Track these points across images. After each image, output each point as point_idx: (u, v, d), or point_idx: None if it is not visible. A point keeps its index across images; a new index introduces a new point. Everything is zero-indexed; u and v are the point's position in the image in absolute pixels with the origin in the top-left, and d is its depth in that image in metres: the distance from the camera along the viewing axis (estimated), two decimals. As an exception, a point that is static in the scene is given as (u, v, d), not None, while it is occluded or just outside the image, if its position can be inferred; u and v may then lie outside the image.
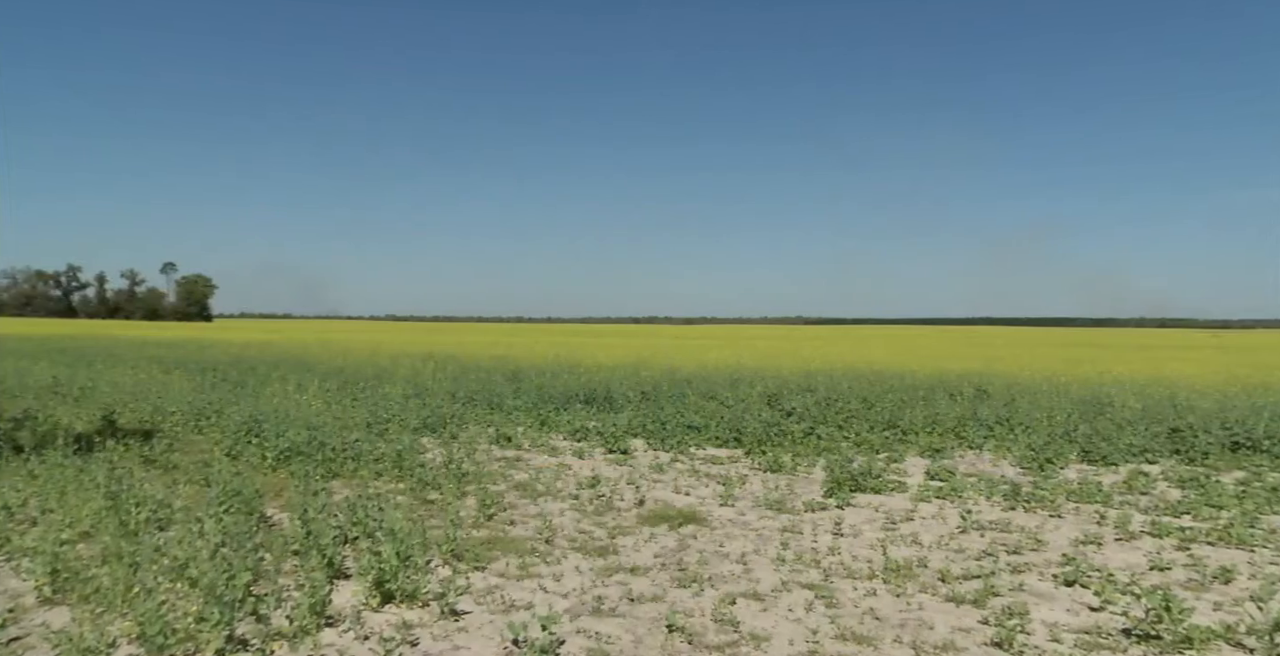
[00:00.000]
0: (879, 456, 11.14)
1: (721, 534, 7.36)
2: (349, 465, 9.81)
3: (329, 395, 16.28)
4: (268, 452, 10.03)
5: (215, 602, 4.63)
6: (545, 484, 9.37)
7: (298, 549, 6.17)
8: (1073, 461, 11.08)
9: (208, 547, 5.62)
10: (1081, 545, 7.03)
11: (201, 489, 8.22)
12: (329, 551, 5.77)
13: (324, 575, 5.29)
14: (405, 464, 9.64)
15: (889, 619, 5.29)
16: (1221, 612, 5.41)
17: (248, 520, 6.90)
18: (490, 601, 5.55)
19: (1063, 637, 4.97)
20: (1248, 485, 9.46)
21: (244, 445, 10.62)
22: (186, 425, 12.90)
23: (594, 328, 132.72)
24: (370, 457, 9.99)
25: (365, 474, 9.59)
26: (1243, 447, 11.55)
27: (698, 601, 5.59)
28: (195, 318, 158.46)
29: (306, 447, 10.16)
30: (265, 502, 7.71)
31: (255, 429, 11.21)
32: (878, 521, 7.84)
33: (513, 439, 12.36)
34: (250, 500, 7.32)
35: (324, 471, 9.58)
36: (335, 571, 5.83)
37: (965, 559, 6.62)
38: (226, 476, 8.16)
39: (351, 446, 10.30)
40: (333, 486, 8.98)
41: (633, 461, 11.02)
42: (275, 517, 7.49)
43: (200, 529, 6.23)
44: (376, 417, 13.27)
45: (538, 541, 6.99)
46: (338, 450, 10.12)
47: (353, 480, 9.37)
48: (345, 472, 9.65)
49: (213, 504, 6.99)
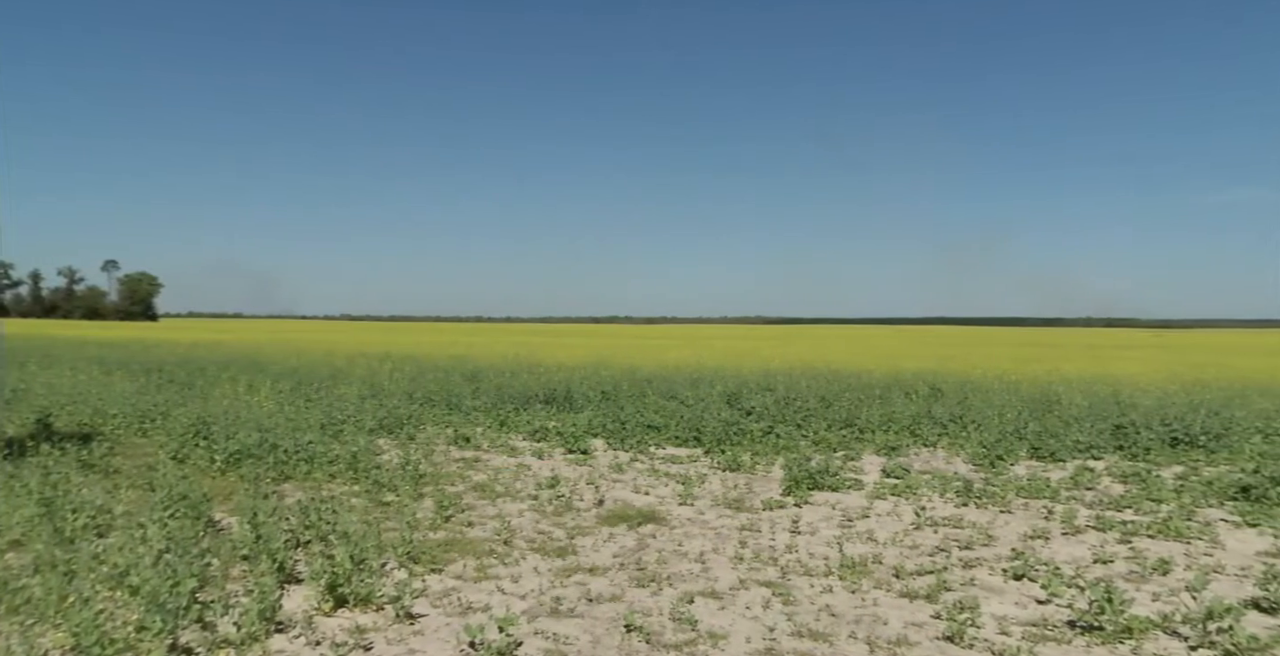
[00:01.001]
0: (836, 454, 11.29)
1: (680, 533, 7.38)
2: (302, 467, 9.60)
3: (282, 396, 15.91)
4: (216, 455, 9.76)
5: (157, 610, 4.46)
6: (504, 484, 9.29)
7: (247, 553, 6.00)
8: (1023, 458, 11.36)
9: (150, 554, 5.42)
10: (1030, 540, 7.20)
11: (145, 493, 7.95)
12: (280, 555, 5.63)
13: (274, 580, 5.15)
14: (360, 465, 9.47)
15: (844, 615, 5.35)
16: (1159, 603, 5.59)
17: (194, 525, 6.69)
18: (447, 604, 5.48)
19: (1011, 630, 5.08)
20: (1185, 479, 9.81)
21: (191, 448, 10.31)
22: (129, 428, 12.47)
23: (554, 327, 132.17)
24: (324, 459, 9.78)
25: (319, 476, 9.39)
26: (1181, 443, 11.96)
27: (656, 600, 5.59)
28: (139, 317, 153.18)
29: (258, 450, 9.91)
30: (213, 507, 7.49)
31: (203, 431, 10.89)
32: (834, 519, 7.93)
33: (471, 439, 12.24)
34: (197, 504, 7.09)
35: (276, 474, 9.36)
36: (286, 576, 5.69)
37: (919, 555, 6.74)
38: (172, 480, 7.89)
39: (305, 448, 10.07)
40: (285, 489, 8.77)
41: (592, 461, 11.00)
42: (224, 522, 7.28)
43: (143, 535, 6.00)
44: (331, 419, 13.01)
45: (496, 542, 6.92)
46: (290, 452, 9.89)
47: (306, 483, 9.17)
48: (298, 475, 9.44)
49: (156, 508, 6.76)
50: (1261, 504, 8.44)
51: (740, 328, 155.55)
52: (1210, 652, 4.73)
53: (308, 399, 15.73)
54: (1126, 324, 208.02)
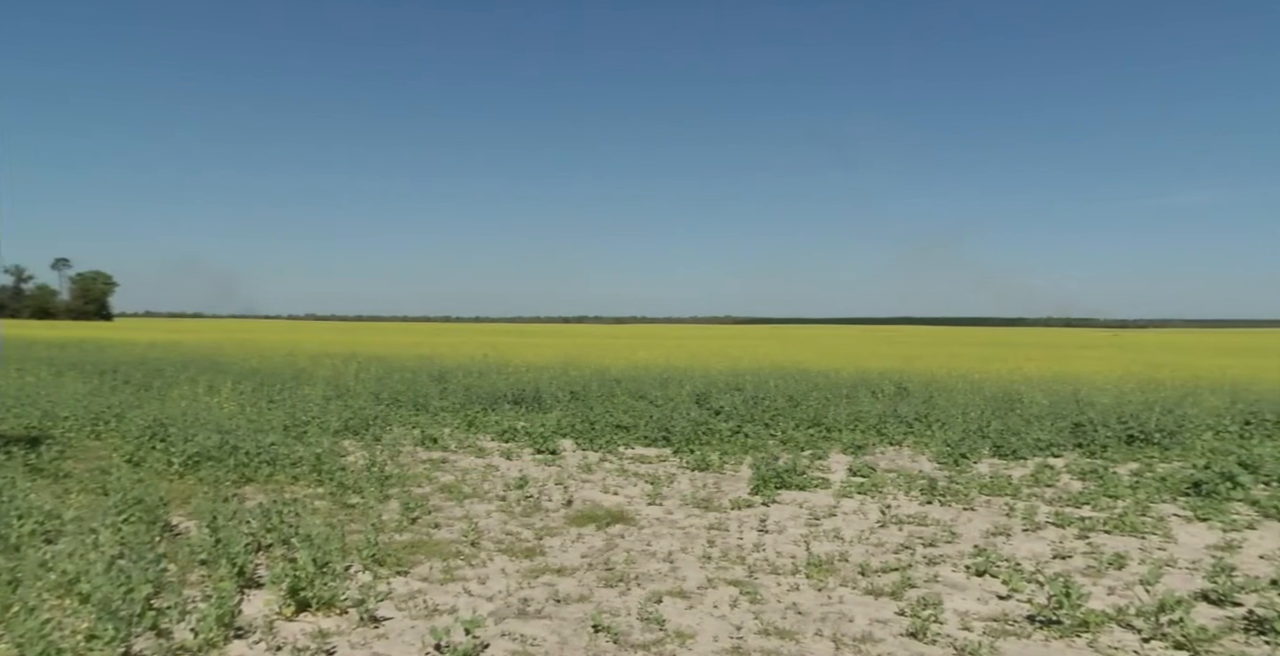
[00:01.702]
0: (804, 454, 11.38)
1: (649, 533, 7.39)
2: (264, 470, 9.41)
3: (243, 397, 15.59)
4: (174, 458, 9.52)
5: (109, 618, 4.32)
6: (472, 485, 9.22)
7: (205, 558, 5.87)
8: (985, 456, 11.55)
9: (102, 560, 5.24)
10: (992, 536, 7.33)
11: (97, 498, 7.71)
12: (240, 559, 5.51)
13: (234, 584, 5.04)
14: (325, 467, 9.32)
15: (811, 613, 5.40)
16: (1115, 596, 5.72)
17: (150, 530, 6.52)
18: (412, 606, 5.41)
19: (973, 626, 5.17)
20: (1140, 476, 10.06)
21: (147, 451, 10.06)
22: (81, 431, 12.09)
23: (523, 327, 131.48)
24: (287, 461, 9.60)
25: (281, 478, 9.22)
26: (1137, 440, 12.27)
27: (624, 600, 5.59)
28: (93, 317, 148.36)
29: (217, 452, 9.69)
30: (170, 511, 7.31)
31: (160, 433, 10.63)
32: (802, 517, 8.00)
33: (438, 440, 12.12)
34: (153, 508, 6.91)
35: (236, 477, 9.17)
36: (246, 580, 5.57)
37: (884, 552, 6.83)
38: (126, 484, 7.65)
39: (267, 450, 9.87)
40: (245, 492, 8.60)
41: (561, 461, 10.96)
42: (181, 526, 7.12)
43: (94, 540, 5.81)
44: (295, 420, 12.79)
45: (463, 544, 6.87)
46: (251, 454, 9.69)
47: (268, 485, 9.00)
48: (260, 478, 9.26)
49: (109, 513, 6.56)
50: (1212, 499, 8.69)
51: (709, 327, 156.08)
52: (1162, 644, 4.85)
53: (270, 400, 15.44)
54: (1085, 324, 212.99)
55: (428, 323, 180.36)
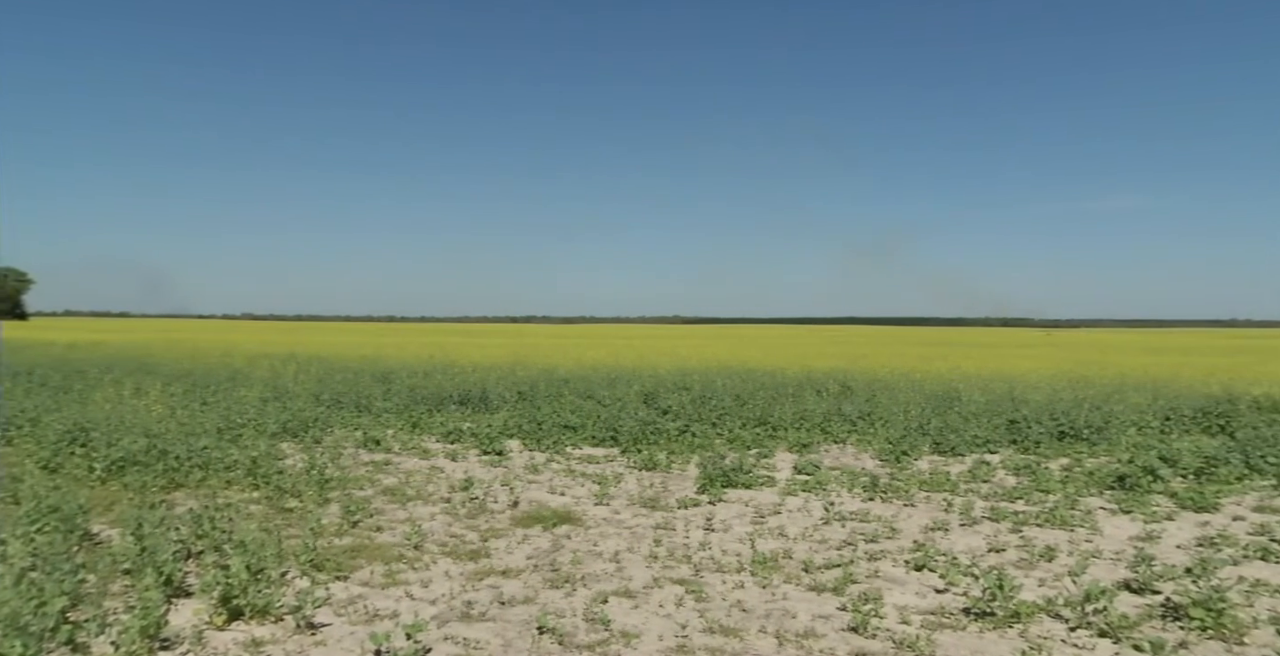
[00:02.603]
0: (750, 452, 11.50)
1: (596, 533, 7.37)
2: (195, 474, 9.07)
3: (174, 400, 15.00)
4: (96, 464, 9.09)
5: (17, 634, 4.09)
6: (416, 488, 9.07)
7: (130, 567, 5.61)
8: (925, 453, 11.85)
9: (11, 572, 4.96)
10: (931, 531, 7.52)
11: (7, 507, 7.33)
12: (168, 568, 5.28)
13: (160, 594, 4.83)
14: (261, 471, 9.04)
15: (755, 610, 5.45)
16: (1045, 588, 5.93)
17: (66, 539, 6.19)
18: (352, 612, 5.29)
19: (911, 619, 5.29)
20: (1070, 471, 10.45)
21: (66, 456, 9.57)
22: (-11, 437, 11.46)
23: (470, 327, 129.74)
24: (221, 465, 9.28)
25: (214, 483, 8.91)
26: (1067, 436, 12.74)
27: (570, 601, 5.57)
28: (6, 316, 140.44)
29: (144, 457, 9.29)
30: (91, 519, 6.95)
31: (81, 438, 10.12)
32: (747, 516, 8.08)
33: (382, 442, 11.89)
34: (71, 517, 6.54)
35: (165, 482, 8.82)
36: (175, 589, 5.36)
37: (827, 549, 6.94)
38: (41, 491, 7.22)
39: (199, 454, 9.52)
40: (175, 498, 8.30)
41: (508, 462, 10.86)
42: (103, 534, 6.81)
43: (2, 551, 5.52)
44: (229, 422, 12.37)
45: (406, 547, 6.75)
46: (182, 458, 9.32)
47: (199, 490, 8.68)
48: (191, 482, 8.93)
49: (21, 522, 6.22)
50: (1134, 492, 9.08)
51: (658, 327, 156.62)
52: (1087, 632, 5.05)
53: (203, 402, 14.92)
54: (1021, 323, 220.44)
55: (371, 322, 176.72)
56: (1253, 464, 10.35)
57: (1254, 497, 9.14)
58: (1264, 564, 6.63)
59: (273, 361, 24.95)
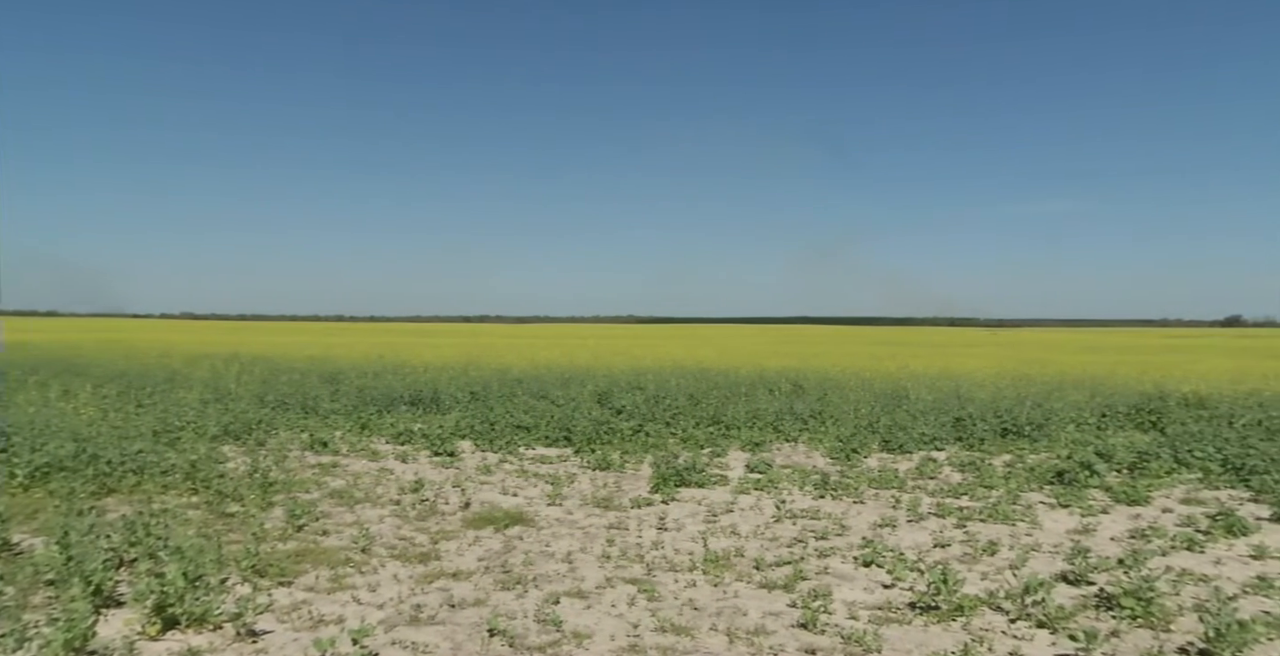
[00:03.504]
0: (704, 451, 11.56)
1: (548, 533, 7.33)
2: (129, 479, 8.72)
3: (106, 402, 14.43)
4: (18, 469, 8.62)
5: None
6: (364, 490, 8.89)
7: (54, 577, 5.35)
8: (875, 451, 12.06)
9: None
10: (879, 528, 7.66)
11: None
12: (97, 577, 5.05)
13: (88, 605, 4.61)
14: (200, 475, 8.75)
15: (706, 608, 5.48)
16: (987, 581, 6.09)
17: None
18: (296, 618, 5.16)
19: (859, 614, 5.38)
20: (1013, 467, 10.75)
21: (-18, 463, 9.12)
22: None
23: (422, 326, 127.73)
24: (157, 470, 8.95)
25: (150, 488, 8.58)
26: (1010, 433, 13.11)
27: (521, 603, 5.52)
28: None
29: (72, 462, 8.86)
30: (11, 528, 6.63)
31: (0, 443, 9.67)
32: (700, 514, 8.12)
33: (329, 444, 11.63)
34: (-12, 526, 6.27)
35: (95, 488, 8.45)
36: (104, 599, 5.14)
37: (778, 546, 7.02)
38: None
39: (133, 458, 9.15)
40: (107, 504, 7.98)
41: (459, 463, 10.73)
42: (24, 544, 6.50)
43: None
44: (167, 425, 11.94)
45: (353, 551, 6.61)
46: (115, 463, 8.94)
47: (134, 496, 8.36)
48: (124, 488, 8.58)
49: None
50: (1072, 487, 9.39)
51: (613, 327, 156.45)
52: (1026, 624, 5.20)
53: (139, 404, 14.39)
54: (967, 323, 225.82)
55: (319, 322, 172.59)
56: (1181, 458, 10.80)
57: (1182, 490, 9.54)
58: (1190, 554, 6.92)
59: (214, 362, 24.22)
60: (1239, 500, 9.06)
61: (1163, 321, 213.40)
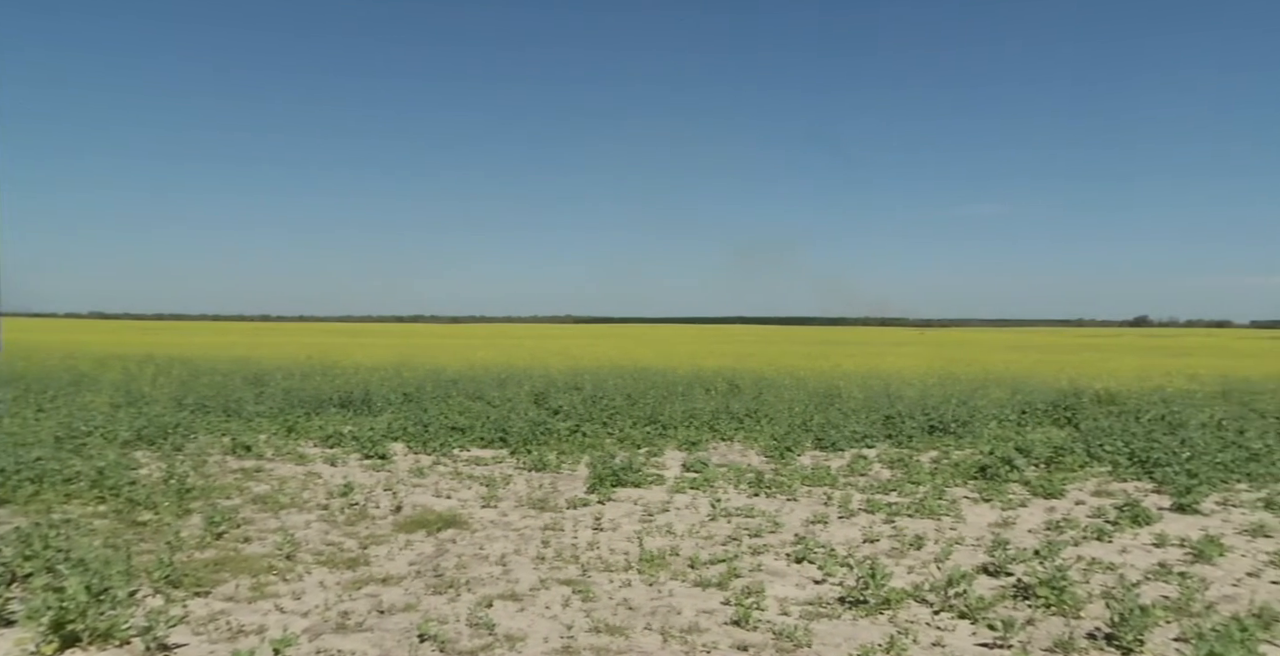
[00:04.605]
0: (640, 451, 11.58)
1: (482, 536, 7.23)
2: (26, 488, 8.15)
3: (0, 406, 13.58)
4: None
5: None
6: (290, 495, 8.59)
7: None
8: (808, 449, 12.28)
9: None
10: (811, 524, 7.79)
11: None
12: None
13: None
14: (109, 482, 8.25)
15: (641, 608, 5.48)
16: (913, 574, 6.26)
17: None
18: (212, 629, 4.94)
19: (791, 610, 5.46)
20: (939, 463, 11.10)
21: None
22: None
23: (353, 326, 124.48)
24: (59, 478, 8.40)
25: (50, 497, 8.04)
26: (937, 430, 13.53)
27: (453, 607, 5.42)
28: None
29: (-45, 472, 8.28)
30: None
31: None
32: (636, 514, 8.12)
33: (252, 448, 11.19)
34: None
35: (-15, 498, 7.92)
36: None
37: (713, 544, 7.07)
38: None
39: (31, 465, 8.57)
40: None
41: (391, 466, 10.48)
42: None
43: None
44: (72, 431, 11.25)
45: (277, 558, 6.37)
46: (9, 471, 8.36)
47: (31, 506, 7.84)
48: (19, 498, 8.02)
49: None
50: (994, 481, 9.75)
51: (550, 327, 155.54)
52: (949, 615, 5.37)
53: (39, 409, 13.57)
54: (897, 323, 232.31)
55: (243, 321, 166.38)
56: (1093, 452, 11.34)
57: (1093, 483, 10.01)
58: (1099, 543, 7.27)
59: (126, 363, 23.09)
60: (1144, 491, 9.56)
61: (1079, 321, 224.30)
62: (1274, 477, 10.07)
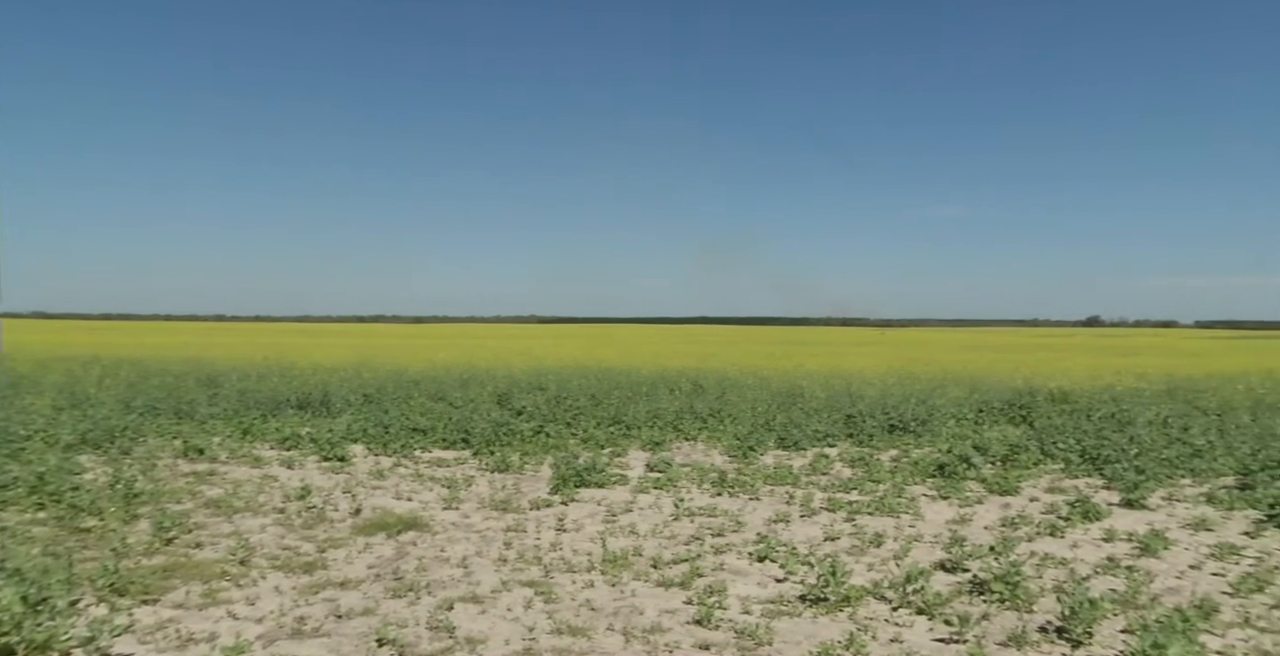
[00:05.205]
0: (604, 451, 11.55)
1: (444, 538, 7.14)
2: (-46, 497, 7.82)
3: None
4: None
5: None
6: (244, 498, 8.39)
7: None
8: (771, 448, 12.37)
9: None
10: (773, 523, 7.84)
11: None
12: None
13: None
14: (50, 488, 7.94)
15: (604, 608, 5.46)
16: (873, 572, 6.34)
17: None
18: (160, 638, 4.79)
19: (753, 609, 5.49)
20: (899, 461, 11.27)
21: None
22: None
23: (311, 326, 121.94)
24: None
25: (-13, 504, 7.76)
26: (897, 429, 13.74)
27: (413, 610, 5.34)
28: None
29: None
30: None
31: None
32: (600, 515, 8.10)
33: (205, 451, 10.91)
34: None
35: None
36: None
37: (676, 544, 7.07)
38: None
39: (-40, 472, 8.25)
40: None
41: (350, 468, 10.30)
42: None
43: None
44: (9, 435, 10.80)
45: (230, 563, 6.22)
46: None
47: (-38, 513, 7.54)
48: (-51, 507, 7.70)
49: None
50: (952, 479, 9.92)
51: (514, 327, 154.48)
52: (907, 611, 5.44)
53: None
54: (858, 323, 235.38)
55: (196, 321, 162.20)
56: (1047, 450, 11.62)
57: (1047, 480, 10.25)
58: (1052, 539, 7.44)
59: (70, 365, 22.34)
60: (1094, 487, 9.82)
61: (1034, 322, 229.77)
62: (1215, 473, 10.41)
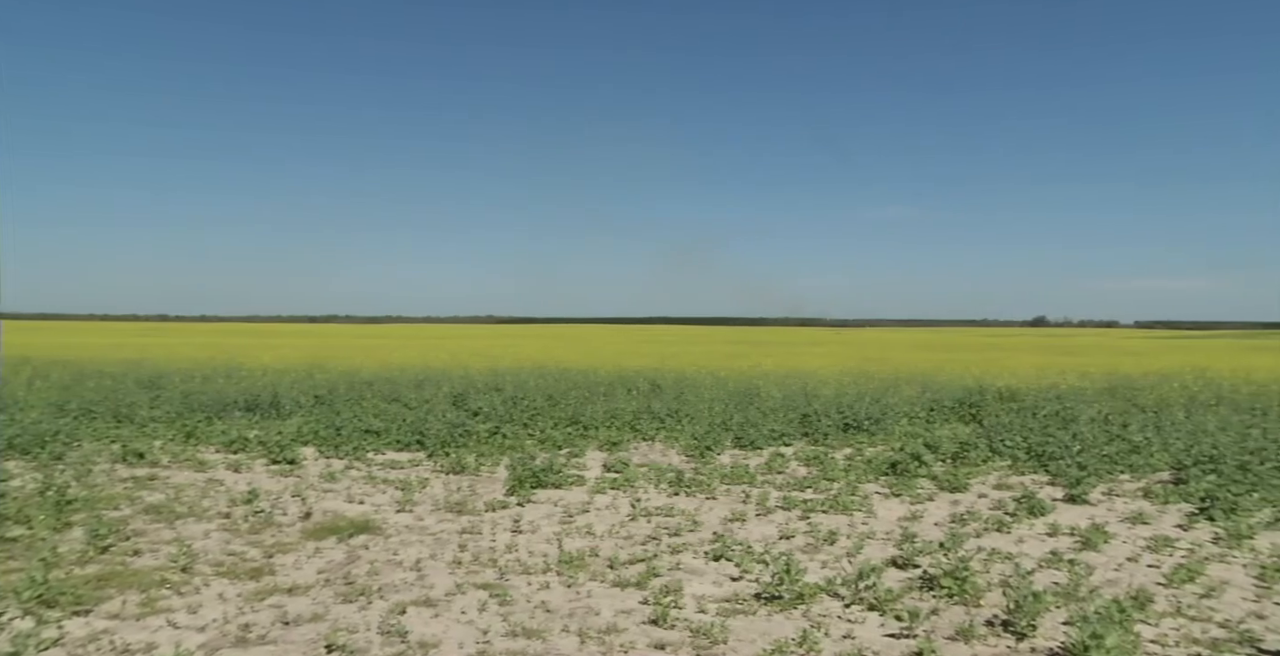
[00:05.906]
0: (561, 452, 11.48)
1: (397, 541, 7.01)
2: None
3: None
4: None
5: None
6: (187, 503, 8.14)
7: None
8: (728, 447, 12.43)
9: None
10: (730, 522, 7.88)
11: None
12: None
13: None
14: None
15: (559, 610, 5.41)
16: (827, 569, 6.40)
17: None
18: (93, 650, 4.61)
19: (708, 607, 5.50)
20: (853, 460, 11.41)
21: None
22: None
23: (260, 327, 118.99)
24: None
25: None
26: (851, 428, 13.93)
27: (364, 615, 5.22)
28: None
29: None
30: None
31: None
32: (556, 515, 8.04)
33: (146, 455, 10.55)
34: None
35: None
36: None
37: (632, 544, 7.06)
38: None
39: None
40: None
41: (300, 471, 10.07)
42: None
43: None
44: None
45: (170, 570, 6.01)
46: None
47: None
48: None
49: None
50: (904, 477, 10.09)
51: (471, 327, 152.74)
52: (859, 607, 5.51)
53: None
54: (814, 323, 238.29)
55: (136, 321, 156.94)
56: (995, 447, 11.90)
57: (995, 477, 10.49)
58: (999, 534, 7.62)
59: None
60: (1040, 484, 10.08)
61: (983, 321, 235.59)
62: (1152, 468, 10.79)
